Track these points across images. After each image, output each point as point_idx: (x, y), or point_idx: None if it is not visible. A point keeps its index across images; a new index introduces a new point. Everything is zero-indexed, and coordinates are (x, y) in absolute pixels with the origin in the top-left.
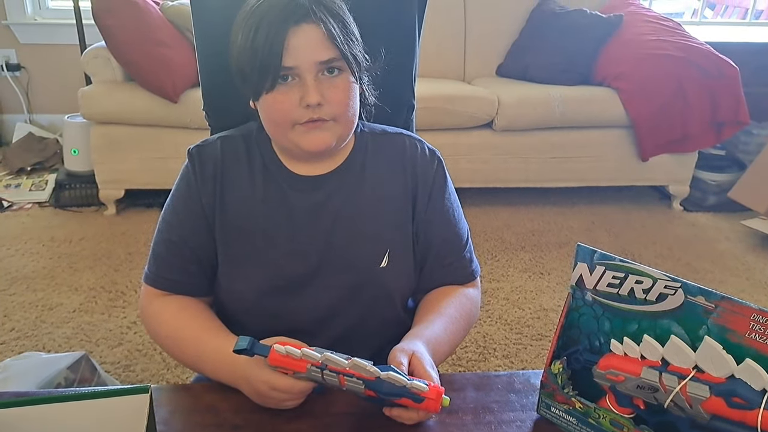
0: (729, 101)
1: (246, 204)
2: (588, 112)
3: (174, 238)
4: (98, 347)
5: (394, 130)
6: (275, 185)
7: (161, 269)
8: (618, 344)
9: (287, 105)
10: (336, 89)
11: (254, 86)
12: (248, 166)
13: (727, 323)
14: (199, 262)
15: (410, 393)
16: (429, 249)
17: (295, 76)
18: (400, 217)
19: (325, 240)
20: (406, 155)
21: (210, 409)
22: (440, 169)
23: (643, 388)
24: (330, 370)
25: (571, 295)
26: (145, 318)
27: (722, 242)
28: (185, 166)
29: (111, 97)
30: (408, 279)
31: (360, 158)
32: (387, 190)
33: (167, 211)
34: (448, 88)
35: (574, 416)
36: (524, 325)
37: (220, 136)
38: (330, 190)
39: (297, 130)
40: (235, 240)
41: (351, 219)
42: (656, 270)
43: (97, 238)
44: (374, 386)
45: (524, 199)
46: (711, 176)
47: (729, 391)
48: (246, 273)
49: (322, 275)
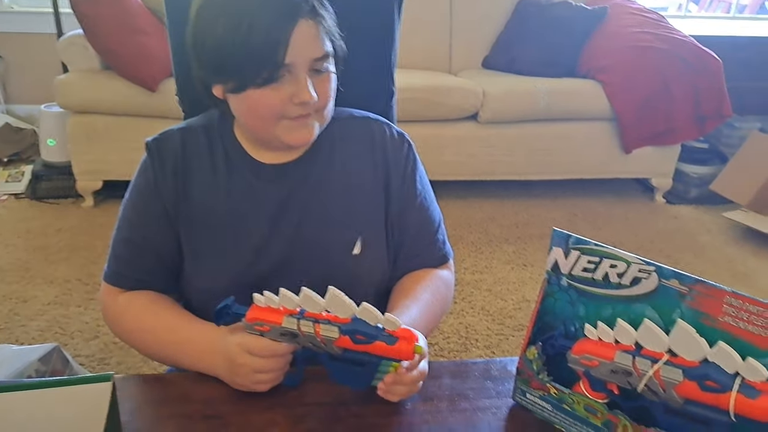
0: (712, 94)
1: (209, 197)
2: (573, 105)
3: (134, 237)
4: (73, 340)
5: (362, 114)
6: (239, 176)
7: (122, 268)
8: (592, 329)
9: (276, 101)
10: (323, 84)
11: (239, 81)
12: (210, 157)
13: (701, 307)
14: (162, 260)
15: (383, 333)
16: (403, 235)
17: (287, 73)
18: (371, 203)
19: (294, 230)
20: (375, 139)
21: (180, 400)
22: (410, 152)
23: (616, 372)
24: (306, 318)
25: (547, 281)
26: (109, 316)
27: (704, 234)
28: (144, 160)
29: (88, 85)
30: (382, 266)
31: (327, 144)
32: (356, 175)
33: (126, 207)
34: (434, 79)
35: (549, 402)
36: (506, 315)
37: (180, 127)
38: (298, 178)
39: (283, 125)
40: (200, 235)
41: (320, 207)
42: (631, 254)
43: (74, 230)
44: (348, 329)
45: (509, 191)
46: (693, 169)
47: (702, 374)
48: (212, 268)
49: (293, 266)
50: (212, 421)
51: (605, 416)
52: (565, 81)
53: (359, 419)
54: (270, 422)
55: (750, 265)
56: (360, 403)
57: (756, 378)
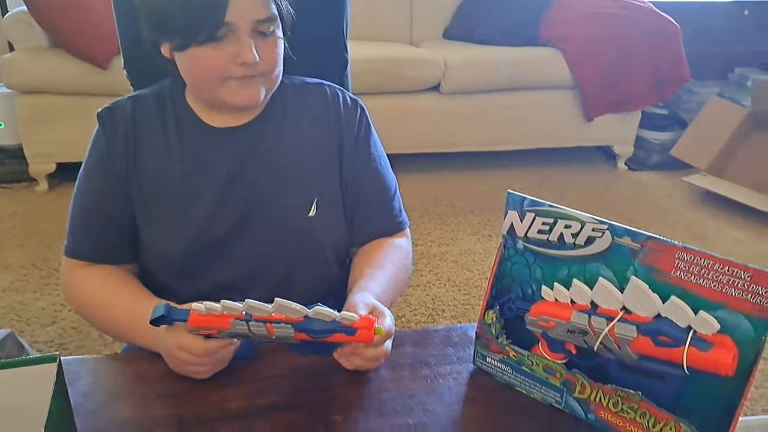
0: (671, 59)
1: (162, 163)
2: (534, 74)
3: (90, 206)
4: (30, 326)
5: (316, 81)
6: (191, 140)
7: (81, 240)
8: (549, 290)
9: (220, 61)
10: (268, 47)
11: (182, 38)
12: (161, 123)
13: (653, 263)
14: (120, 228)
15: (342, 326)
16: (358, 197)
17: (230, 33)
18: (325, 166)
19: (249, 193)
20: (329, 104)
21: (134, 380)
22: (364, 117)
23: (573, 332)
24: (256, 320)
25: (503, 245)
26: (67, 291)
27: (665, 199)
28: (96, 131)
29: (36, 64)
30: (338, 229)
31: (280, 107)
32: (310, 138)
33: (81, 179)
34: (395, 51)
35: (508, 365)
36: (472, 286)
37: (130, 96)
38: (251, 141)
39: (228, 86)
40: (154, 200)
41: (274, 170)
42: (584, 213)
43: (28, 215)
44: (304, 327)
45: (473, 163)
46: (654, 135)
47: (655, 330)
48: (168, 233)
49: (249, 229)
50: (167, 399)
51: (564, 376)
52: (527, 50)
53: (319, 391)
54: (226, 398)
55: (709, 227)
56: (320, 374)
57: (708, 331)
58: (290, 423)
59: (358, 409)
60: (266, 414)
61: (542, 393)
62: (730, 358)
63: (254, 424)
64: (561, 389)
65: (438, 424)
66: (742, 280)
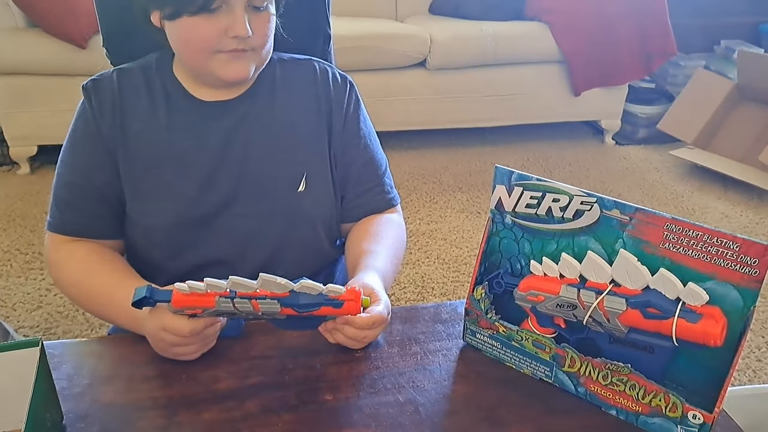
0: (657, 32)
1: (150, 135)
2: (521, 48)
3: (76, 180)
4: (15, 312)
5: (304, 57)
6: (180, 113)
7: (65, 214)
8: (537, 265)
9: (212, 32)
10: (261, 21)
11: (174, 6)
12: (148, 95)
13: (642, 235)
14: (106, 202)
15: (328, 299)
16: (348, 173)
17: (223, 4)
18: (315, 141)
19: (239, 166)
20: (318, 80)
21: (120, 362)
22: (353, 93)
23: (562, 306)
24: (241, 297)
25: (491, 220)
26: (51, 266)
27: (652, 173)
28: (81, 103)
29: (12, 44)
30: (329, 204)
31: (269, 83)
32: (300, 114)
33: (66, 152)
34: (380, 26)
35: (498, 340)
36: (462, 263)
37: (115, 69)
38: (240, 114)
39: (219, 58)
40: (142, 173)
41: (264, 144)
42: (572, 187)
43: (10, 199)
44: (290, 302)
45: (460, 140)
46: (641, 109)
47: (644, 302)
48: (156, 206)
49: (238, 203)
50: (154, 381)
51: (553, 350)
52: (513, 24)
53: (308, 370)
54: (215, 378)
55: (696, 201)
56: (308, 354)
57: (697, 302)
58: (280, 402)
59: (348, 387)
60: (256, 394)
61: (532, 368)
62: (719, 329)
63: (244, 405)
64: (551, 363)
65: (428, 400)
66: (730, 251)
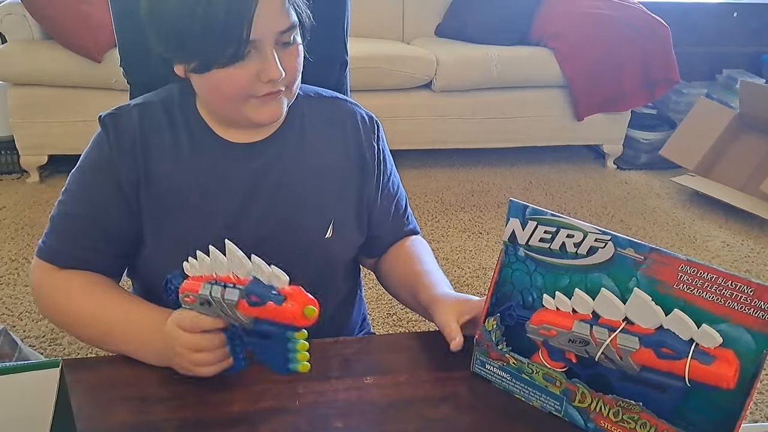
0: (660, 60)
1: (174, 176)
2: (525, 72)
3: (81, 213)
4: (21, 321)
5: (329, 93)
6: (206, 155)
7: (64, 245)
8: (550, 299)
9: (244, 80)
10: (291, 57)
11: (201, 60)
12: (172, 134)
13: (656, 274)
14: (110, 241)
15: (272, 294)
16: (381, 213)
17: (252, 49)
18: (343, 186)
19: (267, 212)
20: (346, 122)
21: (134, 382)
22: (380, 133)
23: (574, 341)
24: (217, 284)
25: (504, 251)
26: (42, 293)
27: (653, 199)
28: (98, 135)
29: (28, 56)
30: (352, 247)
31: (297, 124)
32: (329, 157)
33: (75, 182)
34: (387, 48)
35: (508, 372)
36: (464, 284)
37: (135, 103)
38: (268, 157)
39: (251, 104)
40: (165, 217)
41: (293, 188)
42: (587, 224)
43: (20, 207)
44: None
45: (463, 160)
46: (643, 135)
47: (658, 341)
48: (180, 251)
49: (265, 249)
50: (168, 403)
51: (564, 385)
52: (518, 48)
53: (318, 395)
54: (227, 401)
55: (697, 228)
56: (319, 378)
57: (710, 344)
58: (292, 428)
59: (358, 414)
60: (267, 419)
61: (542, 401)
62: (732, 372)
63: (256, 429)
64: (561, 398)
65: (437, 430)
66: (744, 295)
